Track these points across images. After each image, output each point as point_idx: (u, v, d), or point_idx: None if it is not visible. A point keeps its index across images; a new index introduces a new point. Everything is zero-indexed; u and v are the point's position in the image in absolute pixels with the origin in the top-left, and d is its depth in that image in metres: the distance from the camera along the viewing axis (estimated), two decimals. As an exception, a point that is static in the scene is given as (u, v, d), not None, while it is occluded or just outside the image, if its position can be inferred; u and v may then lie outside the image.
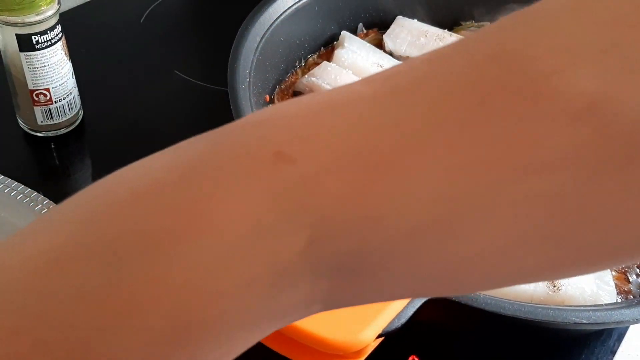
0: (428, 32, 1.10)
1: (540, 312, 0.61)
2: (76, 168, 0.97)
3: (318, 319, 0.55)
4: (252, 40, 0.89)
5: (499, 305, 0.61)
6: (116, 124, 1.04)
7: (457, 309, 0.61)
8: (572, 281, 0.74)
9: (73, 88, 0.95)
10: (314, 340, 0.54)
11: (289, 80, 1.04)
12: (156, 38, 1.22)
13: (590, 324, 0.61)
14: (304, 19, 1.02)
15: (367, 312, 0.56)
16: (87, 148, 1.01)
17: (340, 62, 1.03)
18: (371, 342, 0.55)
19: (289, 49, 1.01)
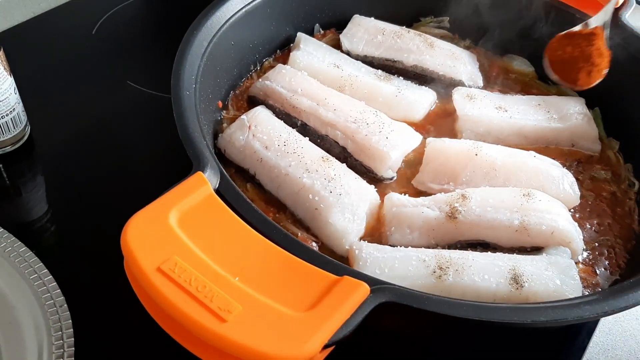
0: (385, 30, 1.08)
1: (495, 312, 0.58)
2: (28, 187, 0.94)
3: (257, 332, 0.52)
4: (198, 45, 0.86)
5: (452, 307, 0.58)
6: (68, 138, 1.01)
7: (411, 313, 0.58)
8: (535, 277, 0.72)
9: (17, 104, 0.91)
10: (254, 355, 0.51)
11: (243, 85, 1.01)
12: (108, 49, 1.19)
13: (548, 321, 0.58)
14: (256, 21, 0.99)
15: (310, 322, 0.53)
16: (38, 165, 0.97)
17: (295, 65, 1.00)
18: (317, 352, 0.52)
19: (241, 53, 0.99)
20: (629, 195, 0.90)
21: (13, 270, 0.76)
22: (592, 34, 0.68)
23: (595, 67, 0.69)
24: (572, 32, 0.69)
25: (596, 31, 0.68)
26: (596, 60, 0.69)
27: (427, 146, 0.89)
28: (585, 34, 0.68)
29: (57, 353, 0.68)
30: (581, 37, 0.69)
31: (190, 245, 0.58)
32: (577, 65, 0.69)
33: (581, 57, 0.69)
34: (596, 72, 0.69)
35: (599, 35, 0.68)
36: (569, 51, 0.69)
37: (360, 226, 0.79)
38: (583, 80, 0.69)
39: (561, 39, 0.69)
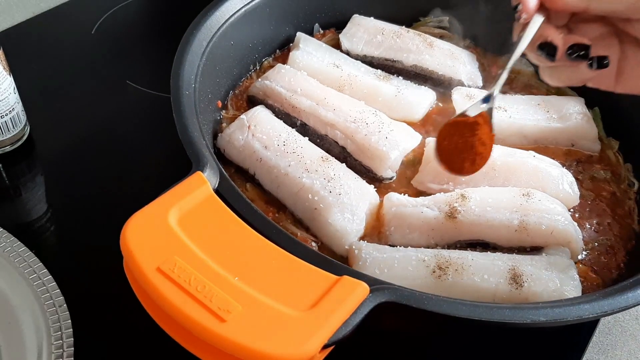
0: (385, 30, 1.07)
1: (495, 312, 0.58)
2: (27, 187, 0.94)
3: (257, 332, 0.52)
4: (197, 45, 0.86)
5: (451, 307, 0.58)
6: (67, 138, 1.01)
7: (410, 313, 0.58)
8: (535, 277, 0.72)
9: (16, 104, 0.91)
10: (254, 355, 0.51)
11: (243, 84, 1.01)
12: (108, 49, 1.19)
13: (548, 321, 0.58)
14: (255, 21, 0.99)
15: (310, 321, 0.53)
16: (37, 165, 0.97)
17: (295, 64, 1.00)
18: (317, 352, 0.53)
19: (240, 52, 0.99)
20: (629, 195, 0.90)
21: (13, 270, 0.76)
22: (475, 122, 0.70)
23: (478, 155, 0.71)
24: (457, 121, 0.71)
25: (479, 120, 0.70)
26: (479, 149, 0.71)
27: (427, 146, 0.89)
28: (469, 122, 0.70)
29: (57, 353, 0.68)
30: (465, 125, 0.70)
31: (189, 245, 0.58)
32: (461, 155, 0.71)
33: (464, 147, 0.71)
34: (479, 159, 0.71)
35: (481, 124, 0.70)
36: (454, 141, 0.71)
37: (360, 226, 0.79)
38: (468, 169, 0.71)
39: (448, 127, 0.71)
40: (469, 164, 0.71)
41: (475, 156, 0.71)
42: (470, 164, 0.71)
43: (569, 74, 0.67)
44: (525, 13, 0.65)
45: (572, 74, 0.67)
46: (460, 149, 0.71)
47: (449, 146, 0.72)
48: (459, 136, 0.71)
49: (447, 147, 0.72)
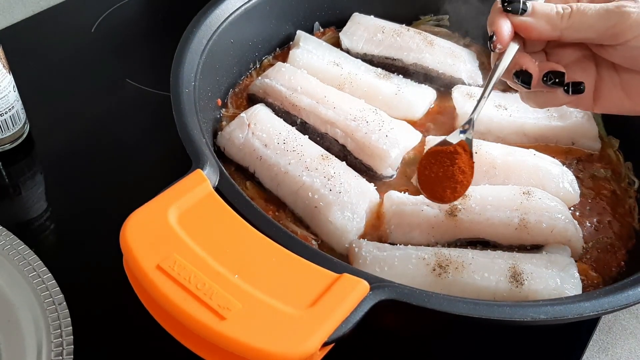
0: (385, 28, 1.07)
1: (495, 309, 0.58)
2: (27, 185, 0.94)
3: (257, 330, 0.52)
4: (197, 43, 0.86)
5: (452, 305, 0.58)
6: (67, 136, 1.01)
7: (410, 311, 0.58)
8: (535, 275, 0.72)
9: (16, 102, 0.91)
10: (254, 352, 0.51)
11: (243, 83, 1.01)
12: (108, 47, 1.19)
13: (548, 319, 0.58)
14: (255, 19, 0.99)
15: (310, 319, 0.53)
16: (37, 163, 0.97)
17: (295, 63, 1.00)
18: (316, 350, 0.52)
19: (240, 51, 0.98)
20: (629, 194, 0.90)
21: (12, 269, 0.76)
22: (454, 151, 0.71)
23: (458, 184, 0.72)
24: (436, 150, 0.72)
25: (458, 149, 0.71)
26: (459, 178, 0.72)
27: (427, 144, 0.89)
28: (448, 151, 0.72)
29: (56, 351, 0.68)
30: (445, 155, 0.72)
31: (189, 243, 0.57)
32: (442, 184, 0.72)
33: (444, 176, 0.73)
34: (460, 187, 0.73)
35: (461, 153, 0.72)
36: (435, 170, 0.73)
37: (360, 224, 0.79)
38: (449, 197, 0.73)
39: (428, 156, 0.72)
40: (450, 192, 0.73)
41: (455, 184, 0.72)
42: (452, 192, 0.73)
43: (546, 99, 0.70)
44: (500, 44, 0.67)
45: (550, 98, 0.70)
46: (440, 177, 0.73)
47: (430, 175, 0.73)
48: (439, 165, 0.73)
49: (428, 176, 0.73)
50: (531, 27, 0.66)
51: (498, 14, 0.67)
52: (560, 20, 0.65)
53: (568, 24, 0.65)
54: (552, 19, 0.65)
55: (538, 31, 0.66)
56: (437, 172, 0.73)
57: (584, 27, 0.65)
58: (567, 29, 0.65)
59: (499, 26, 0.66)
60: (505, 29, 0.66)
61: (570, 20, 0.65)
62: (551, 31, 0.66)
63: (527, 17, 0.66)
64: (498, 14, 0.67)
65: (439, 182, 0.73)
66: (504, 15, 0.67)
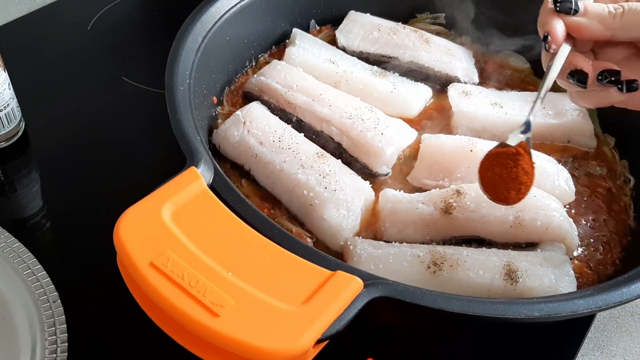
0: (381, 26, 1.07)
1: (490, 307, 0.58)
2: (22, 183, 0.94)
3: (251, 327, 0.52)
4: (192, 41, 0.86)
5: (446, 302, 0.58)
6: (63, 134, 1.00)
7: (404, 308, 0.58)
8: (530, 273, 0.72)
9: (11, 99, 0.91)
10: (247, 349, 0.51)
11: (238, 80, 1.01)
12: (104, 45, 1.19)
13: (542, 316, 0.58)
14: (251, 17, 0.99)
15: (303, 316, 0.53)
16: (33, 161, 0.97)
17: (290, 60, 1.00)
18: (310, 347, 0.52)
19: (236, 48, 0.98)
20: (625, 192, 0.90)
21: (7, 266, 0.76)
22: (517, 153, 0.72)
23: (522, 185, 0.72)
24: (499, 152, 0.72)
25: (519, 150, 0.72)
26: (523, 179, 0.72)
27: (423, 142, 0.89)
28: (510, 153, 0.72)
29: (51, 348, 0.68)
30: (507, 156, 0.72)
31: (183, 240, 0.57)
32: (506, 186, 0.72)
33: (509, 178, 0.73)
34: (524, 188, 0.73)
35: (523, 154, 0.72)
36: (497, 172, 0.73)
37: (355, 222, 0.79)
38: (513, 198, 0.73)
39: (490, 158, 0.73)
40: (514, 193, 0.73)
41: (520, 185, 0.73)
42: (516, 193, 0.73)
43: (598, 98, 0.69)
44: (554, 44, 0.67)
45: (602, 97, 0.69)
46: (505, 179, 0.73)
47: (493, 177, 0.73)
48: (502, 167, 0.73)
49: (492, 179, 0.73)
50: (584, 27, 0.66)
51: (550, 14, 0.67)
52: (612, 20, 0.65)
53: (620, 23, 0.65)
54: (605, 18, 0.65)
55: (590, 31, 0.66)
56: (500, 173, 0.73)
57: (636, 27, 0.65)
58: (619, 28, 0.65)
59: (553, 26, 0.66)
60: (559, 29, 0.66)
61: (623, 20, 0.65)
62: (604, 31, 0.66)
63: (579, 17, 0.66)
64: (550, 15, 0.67)
65: (503, 184, 0.73)
66: (556, 15, 0.67)
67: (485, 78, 1.06)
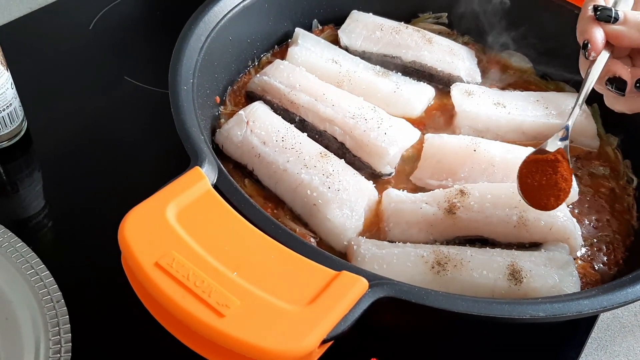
0: (384, 26, 1.07)
1: (494, 307, 0.58)
2: (24, 182, 0.93)
3: (256, 327, 0.52)
4: (196, 40, 0.85)
5: (450, 302, 0.58)
6: (65, 133, 1.00)
7: (409, 308, 0.58)
8: (534, 273, 0.72)
9: (13, 99, 0.91)
10: (253, 350, 0.51)
11: (241, 80, 1.01)
12: (106, 44, 1.18)
13: (547, 317, 0.58)
14: (254, 17, 0.99)
15: (309, 316, 0.53)
16: (35, 161, 0.97)
17: (293, 60, 1.00)
18: (315, 347, 0.52)
19: (239, 48, 0.98)
20: (628, 192, 0.90)
21: (10, 266, 0.75)
22: (556, 160, 0.73)
23: (562, 191, 0.73)
24: (537, 159, 0.73)
25: (558, 157, 0.73)
26: (562, 186, 0.73)
27: (426, 142, 0.89)
28: (549, 160, 0.73)
29: (54, 348, 0.68)
30: (546, 163, 0.73)
31: (188, 241, 0.57)
32: (546, 193, 0.73)
33: (548, 185, 0.74)
34: (564, 195, 0.74)
35: (562, 161, 0.73)
36: (537, 179, 0.74)
37: (359, 222, 0.79)
38: (552, 204, 0.74)
39: (528, 165, 0.73)
40: (553, 200, 0.73)
41: (559, 192, 0.73)
42: (555, 199, 0.73)
43: (635, 103, 0.70)
44: (594, 52, 0.67)
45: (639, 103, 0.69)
46: (544, 186, 0.73)
47: (533, 184, 0.74)
48: (541, 174, 0.74)
49: (531, 185, 0.74)
50: (623, 36, 0.67)
51: (590, 22, 0.67)
52: None
53: None
54: None
55: (630, 39, 0.67)
56: (540, 180, 0.73)
57: None
58: None
59: (593, 34, 0.67)
60: (599, 37, 0.67)
61: None
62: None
63: (619, 25, 0.67)
64: (590, 22, 0.67)
65: (542, 191, 0.73)
66: (596, 23, 0.67)
67: (488, 78, 1.06)
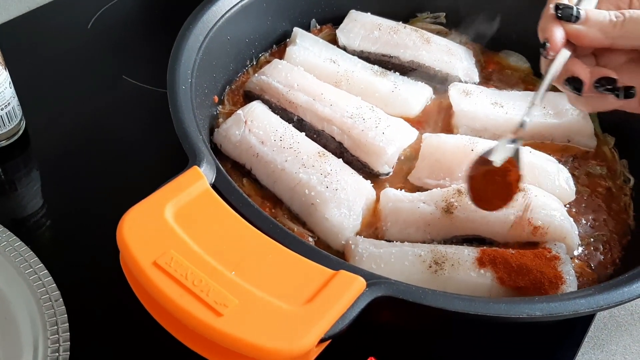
0: (382, 26, 1.07)
1: (491, 306, 0.58)
2: (23, 182, 0.93)
3: (254, 326, 0.52)
4: (194, 40, 0.86)
5: (448, 301, 0.58)
6: (63, 133, 1.00)
7: (407, 307, 0.58)
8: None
9: (12, 98, 0.91)
10: (251, 349, 0.51)
11: (239, 80, 1.01)
12: (104, 43, 1.18)
13: (544, 316, 0.58)
14: (252, 16, 0.99)
15: (306, 315, 0.53)
16: (33, 160, 0.97)
17: (291, 60, 1.00)
18: (313, 347, 0.53)
19: (237, 48, 0.98)
20: (624, 191, 0.90)
21: (8, 265, 0.76)
22: (505, 168, 0.73)
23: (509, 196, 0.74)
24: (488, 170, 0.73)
25: (507, 166, 0.73)
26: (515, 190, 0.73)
27: (424, 142, 0.89)
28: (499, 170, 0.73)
29: (53, 347, 0.68)
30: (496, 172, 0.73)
31: (186, 240, 0.58)
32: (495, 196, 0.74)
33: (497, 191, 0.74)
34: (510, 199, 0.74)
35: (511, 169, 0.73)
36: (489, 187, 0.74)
37: (357, 221, 0.79)
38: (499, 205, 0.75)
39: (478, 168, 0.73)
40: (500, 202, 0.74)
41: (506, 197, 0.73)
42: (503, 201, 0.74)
43: (596, 103, 0.69)
44: (552, 51, 0.66)
45: (600, 102, 0.69)
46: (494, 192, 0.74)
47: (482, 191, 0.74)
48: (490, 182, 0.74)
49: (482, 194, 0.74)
50: (584, 35, 0.65)
51: (551, 20, 0.66)
52: (613, 28, 0.64)
53: (620, 32, 0.64)
54: (605, 27, 0.64)
55: (590, 39, 0.66)
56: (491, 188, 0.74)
57: (636, 36, 0.64)
58: (619, 37, 0.64)
59: (552, 33, 0.66)
60: (559, 36, 0.66)
61: (624, 29, 0.64)
62: (603, 40, 0.65)
63: (580, 24, 0.65)
64: (551, 21, 0.66)
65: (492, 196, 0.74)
66: (557, 22, 0.66)
67: (486, 77, 1.06)
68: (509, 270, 0.71)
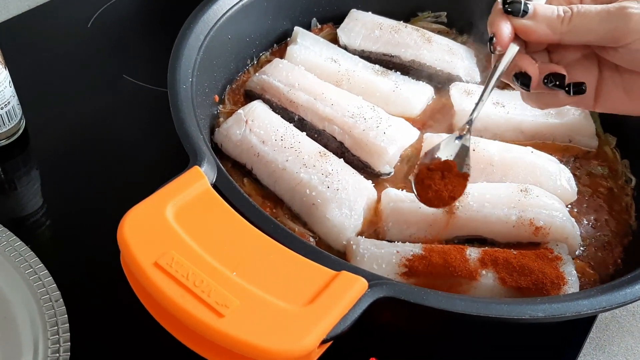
0: (383, 25, 1.07)
1: (493, 307, 0.58)
2: (22, 181, 0.93)
3: (255, 327, 0.52)
4: (195, 39, 0.85)
5: (450, 302, 0.58)
6: (63, 132, 1.00)
7: (409, 309, 0.58)
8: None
9: (12, 97, 0.91)
10: (252, 350, 0.51)
11: (240, 79, 1.01)
12: (104, 42, 1.18)
13: (546, 317, 0.58)
14: (253, 15, 0.99)
15: (308, 316, 0.53)
16: (33, 159, 0.97)
17: (292, 59, 1.00)
18: (315, 347, 0.52)
19: (238, 47, 0.98)
20: (626, 192, 0.90)
21: (8, 265, 0.75)
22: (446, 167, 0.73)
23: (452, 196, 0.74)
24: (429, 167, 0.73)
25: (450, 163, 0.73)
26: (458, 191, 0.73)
27: (425, 141, 0.89)
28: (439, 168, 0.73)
29: (53, 348, 0.68)
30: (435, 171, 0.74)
31: (187, 240, 0.57)
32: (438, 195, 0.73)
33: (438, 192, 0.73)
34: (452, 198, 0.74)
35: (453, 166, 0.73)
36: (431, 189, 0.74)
37: (358, 221, 0.79)
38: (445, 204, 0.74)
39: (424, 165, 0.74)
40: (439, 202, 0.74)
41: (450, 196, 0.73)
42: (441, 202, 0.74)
43: (547, 100, 0.69)
44: (499, 46, 0.66)
45: (551, 99, 0.69)
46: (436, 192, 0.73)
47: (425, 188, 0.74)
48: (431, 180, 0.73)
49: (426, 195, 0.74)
50: (531, 31, 0.65)
51: (499, 15, 0.66)
52: (560, 24, 0.64)
53: (568, 27, 0.63)
54: (553, 22, 0.64)
55: (538, 34, 0.65)
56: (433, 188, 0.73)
57: (584, 31, 0.63)
58: (567, 33, 0.64)
59: (499, 28, 0.65)
60: (506, 30, 0.65)
61: (571, 24, 0.63)
62: (551, 35, 0.65)
63: (527, 19, 0.65)
64: (499, 15, 0.66)
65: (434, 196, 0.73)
66: (504, 16, 0.65)
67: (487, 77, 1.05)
68: (511, 271, 0.71)
